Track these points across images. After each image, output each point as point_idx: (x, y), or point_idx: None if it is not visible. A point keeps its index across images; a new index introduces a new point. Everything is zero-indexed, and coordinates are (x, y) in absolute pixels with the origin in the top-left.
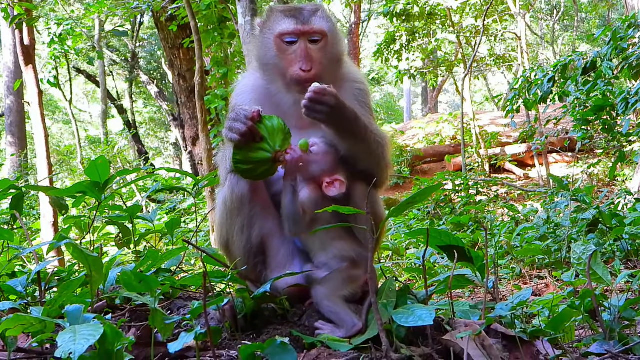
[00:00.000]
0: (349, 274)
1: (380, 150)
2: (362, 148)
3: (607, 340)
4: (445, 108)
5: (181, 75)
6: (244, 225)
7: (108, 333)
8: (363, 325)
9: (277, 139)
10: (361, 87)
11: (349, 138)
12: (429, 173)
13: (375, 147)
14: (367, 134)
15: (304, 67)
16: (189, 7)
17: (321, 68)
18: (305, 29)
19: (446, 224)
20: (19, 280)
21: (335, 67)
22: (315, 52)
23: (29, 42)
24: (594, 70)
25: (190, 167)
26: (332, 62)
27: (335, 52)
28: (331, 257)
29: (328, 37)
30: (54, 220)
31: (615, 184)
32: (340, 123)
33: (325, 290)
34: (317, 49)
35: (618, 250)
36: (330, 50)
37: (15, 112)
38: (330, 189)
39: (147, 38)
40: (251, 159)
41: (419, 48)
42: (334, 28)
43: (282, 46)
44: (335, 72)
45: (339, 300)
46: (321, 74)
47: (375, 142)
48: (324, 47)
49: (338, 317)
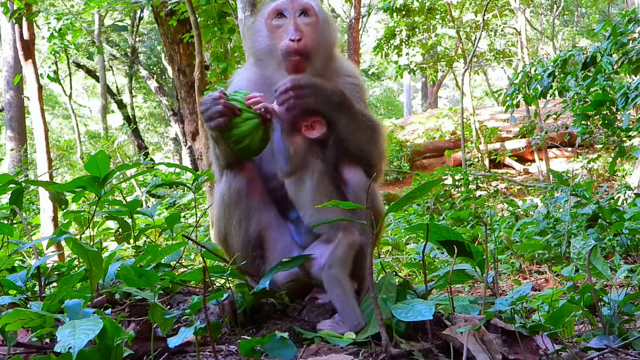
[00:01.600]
0: (347, 241)
1: (373, 134)
2: (354, 127)
3: (606, 335)
4: (445, 103)
5: (181, 70)
6: (242, 219)
7: (107, 328)
8: (365, 325)
9: None
10: (355, 82)
11: (339, 114)
12: (429, 168)
13: (368, 129)
14: (356, 113)
15: (293, 37)
16: (189, 2)
17: (311, 43)
18: (294, 2)
19: (446, 219)
20: (19, 275)
21: (327, 55)
22: (305, 26)
23: (28, 36)
24: (593, 65)
25: (190, 162)
26: (323, 45)
27: (326, 36)
28: (325, 227)
29: (318, 16)
30: (53, 215)
31: (615, 179)
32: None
33: (336, 271)
34: (307, 24)
35: (618, 245)
36: (321, 31)
37: (14, 107)
38: (310, 132)
39: (147, 33)
40: (244, 133)
41: (418, 43)
42: (324, 13)
43: (271, 25)
44: (326, 63)
45: (349, 289)
46: (311, 50)
47: (367, 124)
48: (314, 24)
49: (344, 311)
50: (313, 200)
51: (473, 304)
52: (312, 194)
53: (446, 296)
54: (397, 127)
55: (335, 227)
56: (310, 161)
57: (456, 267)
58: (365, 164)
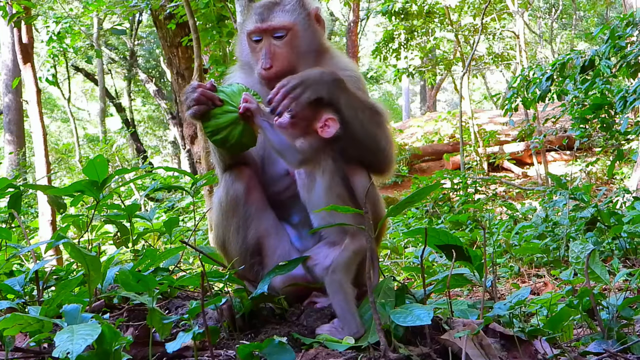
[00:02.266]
0: (354, 247)
1: (376, 116)
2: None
3: (605, 339)
4: (444, 106)
5: (180, 73)
6: (239, 226)
7: (106, 332)
8: (365, 332)
9: (239, 98)
10: (352, 74)
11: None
12: (428, 171)
13: (369, 109)
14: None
15: (265, 65)
16: (188, 6)
17: (286, 63)
18: (264, 27)
19: (444, 223)
20: (17, 279)
21: (312, 57)
22: (280, 47)
23: (27, 40)
24: (592, 68)
25: (188, 166)
26: (304, 54)
27: (307, 43)
28: (331, 230)
29: (294, 29)
30: (52, 218)
31: (613, 182)
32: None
33: (339, 276)
34: (282, 45)
35: (616, 249)
36: (299, 43)
37: (13, 110)
38: (326, 131)
39: (146, 36)
40: (221, 125)
41: (417, 46)
42: (303, 18)
43: (251, 44)
44: (315, 63)
45: (351, 296)
46: (287, 69)
47: (368, 105)
48: (289, 42)
49: (344, 317)
50: (326, 202)
51: (472, 308)
52: (325, 195)
53: (445, 300)
54: (396, 130)
55: (343, 231)
56: (322, 159)
57: (455, 271)
58: (375, 149)
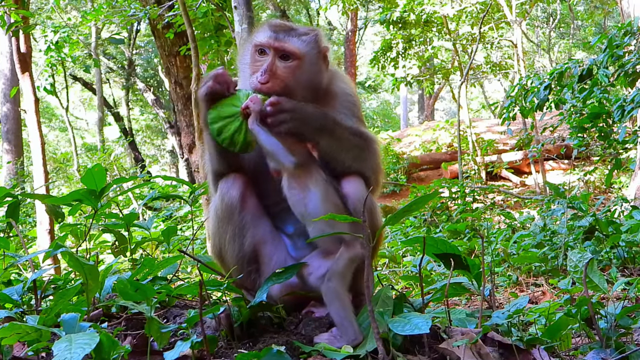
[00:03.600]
0: (349, 255)
1: (361, 152)
2: (337, 147)
3: (603, 348)
4: (442, 115)
5: (178, 82)
6: (235, 234)
7: (104, 342)
8: (362, 339)
9: (244, 98)
10: (350, 100)
11: (321, 136)
12: (426, 180)
13: (355, 148)
14: (342, 133)
15: (260, 79)
16: (186, 15)
17: (283, 86)
18: (275, 45)
19: (442, 232)
20: (15, 289)
21: (313, 89)
22: (282, 69)
23: (25, 49)
24: (590, 77)
25: (186, 175)
26: (305, 84)
27: (311, 76)
28: (326, 239)
29: (303, 60)
30: (50, 227)
31: (611, 192)
32: (306, 125)
33: (335, 284)
34: (286, 67)
35: (614, 258)
36: (303, 74)
37: (11, 120)
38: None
39: (144, 45)
40: (223, 115)
41: (415, 55)
42: (315, 54)
43: (255, 56)
44: (311, 96)
45: (348, 303)
46: (282, 92)
47: (354, 143)
48: (294, 68)
49: (342, 325)
50: (323, 211)
51: (470, 317)
52: (322, 205)
53: (443, 309)
54: (394, 139)
55: (337, 240)
56: (314, 167)
57: (453, 280)
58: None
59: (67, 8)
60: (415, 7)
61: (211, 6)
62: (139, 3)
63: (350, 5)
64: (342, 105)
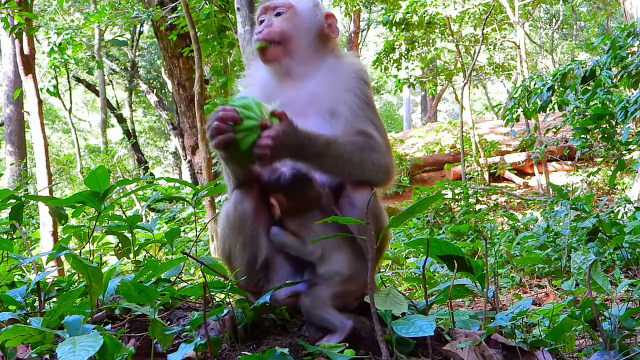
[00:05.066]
0: (338, 289)
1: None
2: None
3: (607, 350)
4: (445, 117)
5: (181, 84)
6: (246, 244)
7: (107, 344)
8: (354, 324)
9: (258, 110)
10: (360, 79)
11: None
12: (429, 182)
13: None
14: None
15: (258, 34)
16: (189, 17)
17: (279, 32)
18: (266, 5)
19: (446, 233)
20: (19, 291)
21: (308, 41)
22: (278, 21)
23: (28, 51)
24: (593, 78)
25: (189, 176)
26: (301, 33)
27: (306, 24)
28: (327, 269)
29: (293, 8)
30: (53, 229)
31: (614, 193)
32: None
33: (310, 302)
34: (280, 19)
35: (618, 259)
36: (300, 22)
37: (14, 121)
38: None
39: (147, 47)
40: (239, 129)
41: (418, 57)
42: (308, 6)
43: (259, 29)
44: (317, 49)
45: (326, 307)
46: (278, 38)
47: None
48: (289, 18)
49: (328, 323)
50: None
51: (473, 318)
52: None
53: (446, 311)
54: (397, 140)
55: (334, 272)
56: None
57: (456, 282)
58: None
59: (70, 10)
60: (418, 8)
61: (214, 8)
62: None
63: (353, 6)
64: (350, 81)
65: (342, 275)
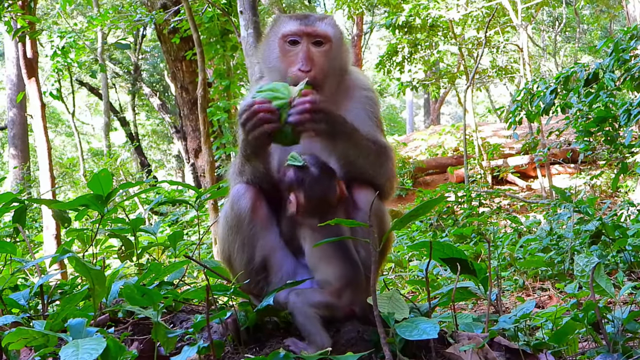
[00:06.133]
0: (326, 299)
1: (378, 157)
2: (356, 152)
3: (610, 352)
4: (448, 120)
5: (184, 87)
6: (244, 243)
7: (111, 347)
8: (331, 344)
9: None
10: (369, 95)
11: (342, 143)
12: (432, 185)
13: (372, 153)
14: (360, 139)
15: (303, 68)
16: (192, 20)
17: (322, 72)
18: (309, 30)
19: (449, 236)
20: (22, 294)
21: (339, 75)
22: (318, 55)
23: (31, 54)
24: (596, 81)
25: (192, 180)
26: (335, 69)
27: (339, 60)
28: (318, 277)
29: (333, 42)
30: (56, 232)
31: (617, 196)
32: (334, 130)
33: (299, 303)
34: (320, 52)
35: (621, 262)
36: (334, 57)
37: (18, 125)
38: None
39: (150, 50)
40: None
41: (421, 60)
42: (340, 36)
43: (284, 47)
44: (339, 81)
45: (311, 314)
46: (321, 78)
47: (371, 149)
48: (327, 52)
49: (308, 333)
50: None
51: (476, 321)
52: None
53: (450, 314)
54: (400, 143)
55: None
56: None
57: (459, 285)
58: (371, 185)
59: (73, 13)
60: (421, 11)
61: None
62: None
63: (356, 9)
64: (360, 102)
65: (331, 286)
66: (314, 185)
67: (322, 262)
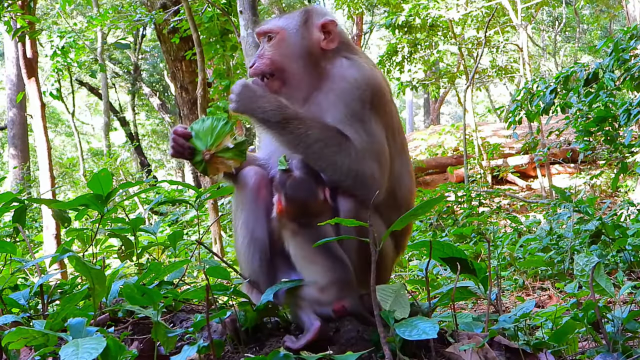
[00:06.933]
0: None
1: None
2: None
3: (610, 352)
4: (448, 119)
5: (183, 87)
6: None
7: (111, 346)
8: (321, 325)
9: (206, 138)
10: (346, 87)
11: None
12: (432, 184)
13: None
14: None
15: (250, 63)
16: (191, 20)
17: (271, 64)
18: (262, 30)
19: (449, 236)
20: (22, 293)
21: (306, 62)
22: (268, 49)
23: (31, 54)
24: (596, 81)
25: (192, 179)
26: (295, 60)
27: (299, 52)
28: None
29: (281, 33)
30: (56, 232)
31: (617, 195)
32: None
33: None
34: (270, 46)
35: (621, 262)
36: (288, 48)
37: (17, 125)
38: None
39: (150, 50)
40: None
41: (420, 59)
42: (297, 27)
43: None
44: (315, 67)
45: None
46: (271, 69)
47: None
48: (277, 43)
49: (301, 321)
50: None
51: (476, 321)
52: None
53: (449, 313)
54: None
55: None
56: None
57: (459, 284)
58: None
59: (73, 13)
60: (421, 11)
61: (217, 11)
62: (144, 8)
63: (356, 9)
64: (334, 91)
65: (317, 284)
66: (295, 189)
67: (306, 261)
